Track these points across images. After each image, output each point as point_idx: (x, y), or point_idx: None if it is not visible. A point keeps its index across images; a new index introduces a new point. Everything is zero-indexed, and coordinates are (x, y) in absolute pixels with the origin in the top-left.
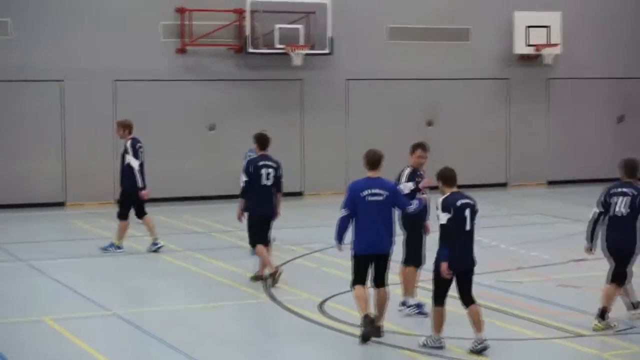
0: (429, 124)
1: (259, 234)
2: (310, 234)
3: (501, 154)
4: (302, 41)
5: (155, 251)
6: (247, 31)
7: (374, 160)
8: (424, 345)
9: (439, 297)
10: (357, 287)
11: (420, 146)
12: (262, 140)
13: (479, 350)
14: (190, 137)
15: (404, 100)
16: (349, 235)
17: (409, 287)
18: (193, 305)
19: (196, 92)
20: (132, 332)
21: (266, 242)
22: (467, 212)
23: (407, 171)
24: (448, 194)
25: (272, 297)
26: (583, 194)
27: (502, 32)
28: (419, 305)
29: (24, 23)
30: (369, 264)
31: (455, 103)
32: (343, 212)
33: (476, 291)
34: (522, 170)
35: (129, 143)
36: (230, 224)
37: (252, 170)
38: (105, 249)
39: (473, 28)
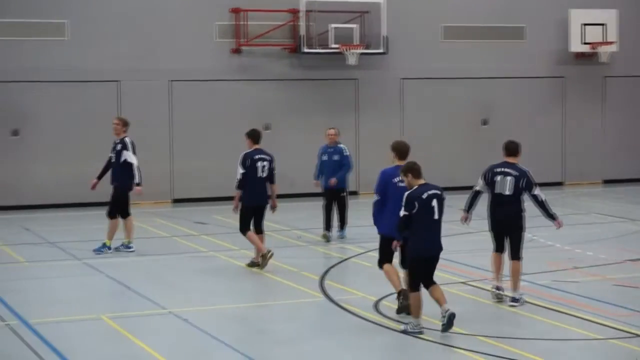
0: (484, 123)
1: (249, 223)
2: (365, 233)
3: (557, 152)
4: (356, 41)
5: (116, 249)
6: (302, 31)
7: (404, 150)
8: (405, 332)
9: (416, 284)
10: (386, 265)
11: None
12: (254, 135)
13: (449, 320)
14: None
15: (459, 99)
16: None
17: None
18: (248, 304)
19: (251, 92)
20: (188, 331)
21: (259, 231)
22: (435, 202)
23: None
24: (415, 186)
25: (328, 296)
26: (639, 193)
27: (557, 30)
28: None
29: (81, 25)
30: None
31: (510, 102)
32: (376, 197)
33: (532, 290)
34: (578, 169)
35: (128, 140)
36: (284, 223)
37: (249, 163)
38: (98, 250)
39: (528, 26)
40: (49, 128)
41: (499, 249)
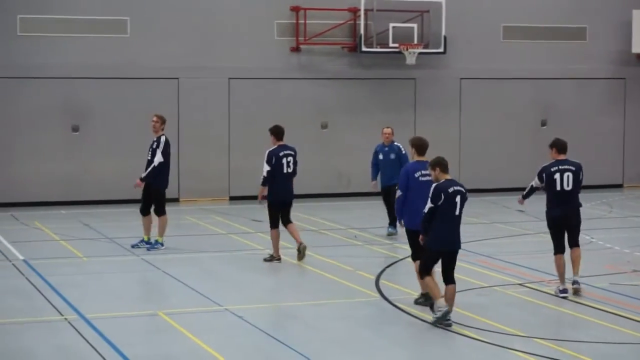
0: (543, 123)
1: (277, 220)
2: None
3: (617, 155)
4: (416, 40)
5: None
6: (361, 30)
7: (424, 146)
8: (435, 321)
9: (427, 269)
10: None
11: None
12: (279, 132)
13: (443, 316)
14: (303, 135)
15: (518, 100)
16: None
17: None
18: (304, 302)
19: (309, 90)
20: (244, 328)
21: (288, 221)
22: (458, 199)
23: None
24: (442, 180)
25: (383, 296)
26: None
27: (619, 31)
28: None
29: (141, 22)
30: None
31: (570, 103)
32: (399, 193)
33: (590, 293)
34: (638, 172)
35: (163, 139)
36: (340, 222)
37: (275, 161)
38: (149, 247)
39: (589, 27)
40: (109, 124)
41: (561, 249)
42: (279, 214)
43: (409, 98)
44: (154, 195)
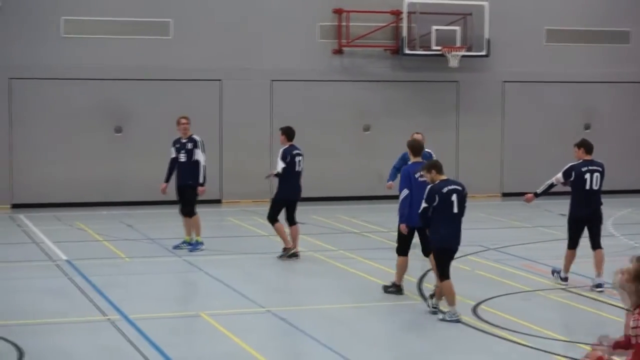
0: (586, 127)
1: (278, 214)
2: (464, 236)
3: None
4: (458, 43)
5: (177, 247)
6: (404, 32)
7: (419, 148)
8: (443, 319)
9: (445, 273)
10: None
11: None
12: (290, 133)
13: (433, 311)
14: (345, 137)
15: (561, 103)
16: None
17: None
18: (346, 305)
19: (352, 93)
20: (285, 330)
21: (293, 222)
22: (454, 197)
23: None
24: (437, 181)
25: (425, 299)
26: None
27: None
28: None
29: (184, 24)
30: (414, 233)
31: (613, 106)
32: (405, 193)
33: None
34: None
35: (198, 138)
36: (383, 224)
37: (289, 159)
38: (191, 247)
39: (633, 30)
40: (151, 126)
41: (574, 245)
42: (281, 210)
43: (451, 101)
44: (190, 195)
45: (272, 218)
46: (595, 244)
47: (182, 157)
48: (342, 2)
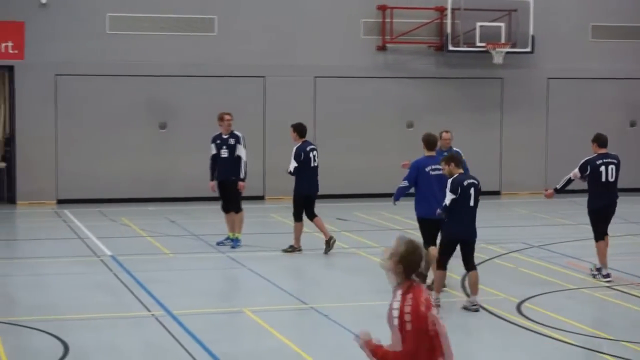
0: (632, 124)
1: (301, 213)
2: (508, 234)
3: None
4: (503, 39)
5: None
6: (448, 29)
7: (433, 142)
8: (465, 308)
9: (444, 263)
10: (431, 248)
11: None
12: (301, 129)
13: (472, 310)
14: (388, 134)
15: (606, 100)
16: None
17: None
18: (388, 301)
19: (395, 89)
20: (328, 327)
21: (314, 215)
22: (472, 191)
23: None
24: (456, 174)
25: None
26: None
27: None
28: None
29: (229, 20)
30: (435, 226)
31: None
32: (405, 184)
33: None
34: None
35: (240, 134)
36: None
37: (304, 156)
38: (234, 244)
39: None
40: (195, 122)
41: (602, 236)
42: (304, 208)
43: (495, 98)
44: (234, 191)
45: (296, 217)
46: (600, 236)
47: (224, 153)
48: None
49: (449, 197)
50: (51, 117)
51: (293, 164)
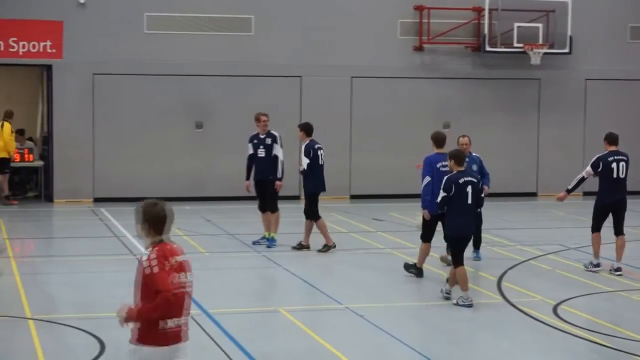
0: None
1: (317, 210)
2: (544, 236)
3: None
4: (541, 40)
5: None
6: (485, 29)
7: (442, 140)
8: (457, 304)
9: (459, 259)
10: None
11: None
12: (308, 128)
13: (445, 296)
14: (425, 134)
15: None
16: None
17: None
18: (425, 302)
19: (432, 89)
20: (364, 327)
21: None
22: (469, 189)
23: None
24: (455, 172)
25: (505, 298)
26: None
27: None
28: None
29: (266, 20)
30: (437, 221)
31: None
32: (427, 179)
33: None
34: None
35: (277, 133)
36: None
37: (313, 154)
38: (269, 243)
39: None
40: (232, 122)
41: (599, 229)
42: (318, 204)
43: (532, 99)
44: (271, 190)
45: (315, 214)
46: (619, 230)
47: (261, 153)
48: None
49: (440, 195)
50: (88, 115)
51: (305, 161)
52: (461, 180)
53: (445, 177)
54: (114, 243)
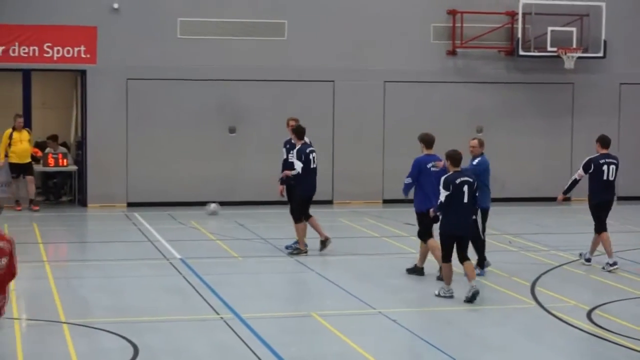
0: None
1: (307, 210)
2: (578, 241)
3: None
4: (575, 44)
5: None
6: (519, 34)
7: (431, 141)
8: (438, 295)
9: (447, 256)
10: (431, 240)
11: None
12: (300, 131)
13: (472, 295)
14: (458, 139)
15: None
16: None
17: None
18: (458, 308)
19: (465, 94)
20: (397, 331)
21: (309, 215)
22: (465, 188)
23: None
24: (451, 172)
25: (539, 303)
26: None
27: None
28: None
29: (299, 25)
30: (429, 219)
31: None
32: (408, 180)
33: None
34: None
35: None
36: (495, 227)
37: (304, 158)
38: (290, 247)
39: None
40: (265, 126)
41: (604, 228)
42: (306, 207)
43: (566, 103)
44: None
45: (306, 214)
46: (602, 228)
47: (292, 158)
48: (457, 3)
49: (443, 194)
50: (122, 120)
51: (299, 165)
52: (457, 181)
53: (443, 178)
54: (148, 247)
